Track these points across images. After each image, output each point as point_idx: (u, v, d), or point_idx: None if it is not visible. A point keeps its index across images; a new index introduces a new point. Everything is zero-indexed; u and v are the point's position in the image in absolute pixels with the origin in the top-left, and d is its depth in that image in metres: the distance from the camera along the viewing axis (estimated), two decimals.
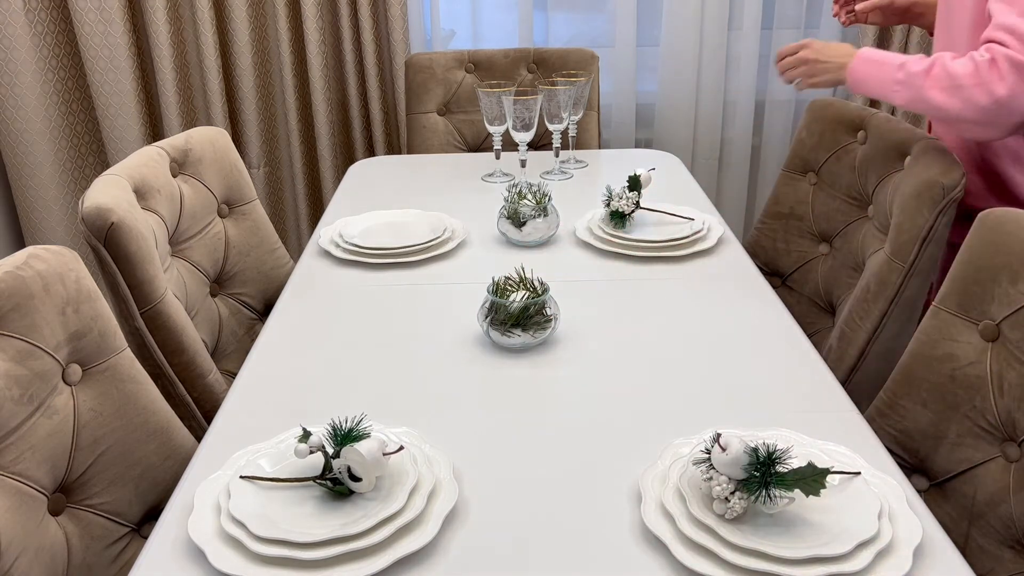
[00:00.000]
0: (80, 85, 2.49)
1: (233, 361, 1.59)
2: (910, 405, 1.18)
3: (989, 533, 1.06)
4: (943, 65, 1.28)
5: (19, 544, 0.91)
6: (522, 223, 1.54)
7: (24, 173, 2.44)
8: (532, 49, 2.35)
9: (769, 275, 1.78)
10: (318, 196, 2.70)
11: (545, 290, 1.19)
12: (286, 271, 1.73)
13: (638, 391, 1.10)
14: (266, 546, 0.80)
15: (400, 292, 1.40)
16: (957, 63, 1.27)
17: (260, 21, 2.49)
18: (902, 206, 1.38)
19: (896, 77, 1.34)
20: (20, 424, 0.95)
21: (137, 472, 1.10)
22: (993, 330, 1.09)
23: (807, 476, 0.82)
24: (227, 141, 1.66)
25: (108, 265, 1.27)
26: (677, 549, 0.80)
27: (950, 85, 1.27)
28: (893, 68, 1.35)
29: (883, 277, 1.40)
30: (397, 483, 0.88)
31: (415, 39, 2.50)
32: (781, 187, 1.77)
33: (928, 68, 1.30)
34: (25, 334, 0.97)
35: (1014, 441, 1.05)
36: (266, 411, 1.08)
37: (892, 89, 1.35)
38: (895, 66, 1.35)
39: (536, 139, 2.38)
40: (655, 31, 2.56)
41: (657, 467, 0.91)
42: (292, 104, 2.54)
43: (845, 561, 0.77)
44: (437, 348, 1.21)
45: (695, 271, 1.45)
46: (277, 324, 1.30)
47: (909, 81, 1.32)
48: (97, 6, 2.34)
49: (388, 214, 1.68)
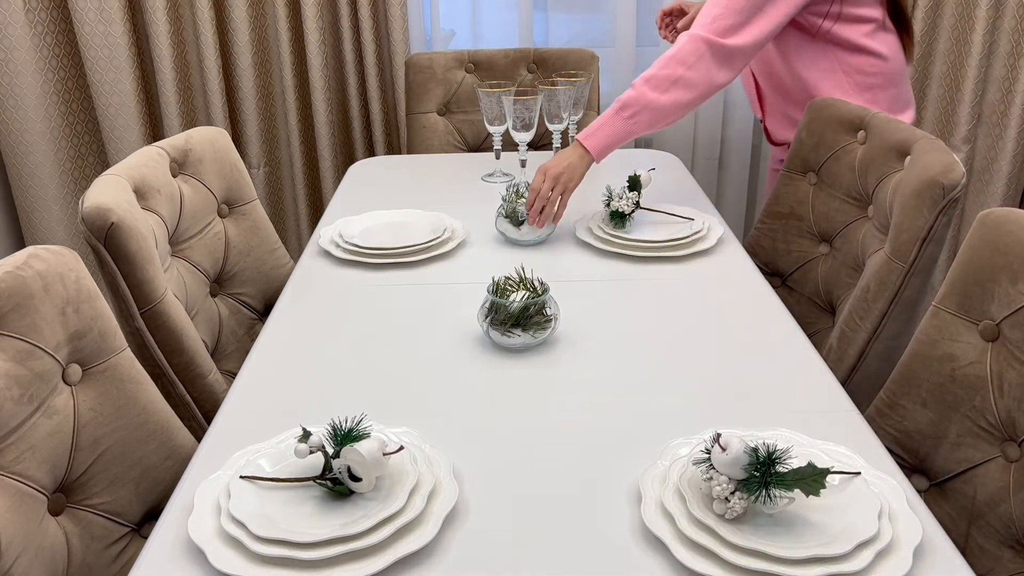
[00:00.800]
0: (80, 85, 2.49)
1: (233, 361, 1.59)
2: (910, 405, 1.18)
3: (989, 533, 1.06)
4: (644, 76, 1.54)
5: (19, 544, 0.91)
6: (520, 222, 1.54)
7: (24, 173, 2.45)
8: (532, 49, 2.35)
9: (769, 275, 1.78)
10: (318, 196, 2.70)
11: (545, 290, 1.19)
12: (286, 271, 1.73)
13: (638, 391, 1.10)
14: (266, 546, 0.80)
15: (400, 292, 1.40)
16: (655, 66, 1.54)
17: (260, 21, 2.49)
18: (902, 206, 1.38)
19: (622, 116, 1.54)
20: (20, 424, 0.95)
21: (137, 472, 1.10)
22: (993, 330, 1.09)
23: (807, 476, 0.82)
24: (227, 141, 1.66)
25: (108, 265, 1.27)
26: (677, 549, 0.80)
27: (657, 82, 1.54)
28: (612, 115, 1.55)
29: (883, 277, 1.40)
30: (397, 483, 0.88)
31: (415, 39, 2.50)
32: (781, 187, 1.77)
33: (639, 84, 1.54)
34: (25, 334, 0.97)
35: (1014, 441, 1.05)
36: (266, 411, 1.08)
37: (629, 128, 1.54)
38: (612, 113, 1.55)
39: (536, 139, 2.38)
40: (655, 31, 2.55)
41: (657, 467, 0.91)
42: (292, 104, 2.54)
43: (845, 561, 0.77)
44: (437, 348, 1.21)
45: (695, 271, 1.45)
46: (277, 324, 1.30)
47: (635, 103, 1.53)
48: (97, 6, 2.34)
49: (388, 214, 1.68)
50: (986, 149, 2.53)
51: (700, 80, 1.54)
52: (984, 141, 2.53)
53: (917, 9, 2.41)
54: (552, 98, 1.80)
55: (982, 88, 2.46)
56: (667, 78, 1.53)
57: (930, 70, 2.50)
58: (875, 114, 1.59)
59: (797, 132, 1.76)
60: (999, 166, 2.51)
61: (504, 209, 1.56)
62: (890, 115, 1.58)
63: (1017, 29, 2.38)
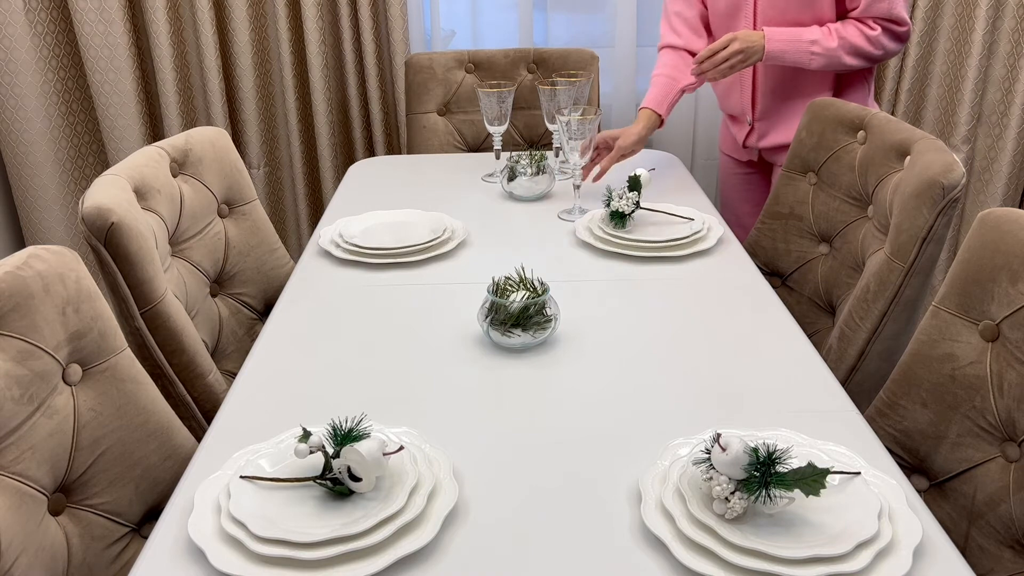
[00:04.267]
0: (80, 85, 2.49)
1: (233, 361, 1.59)
2: (910, 405, 1.18)
3: (989, 533, 1.06)
4: (846, 39, 1.75)
5: (19, 544, 0.91)
6: (522, 175, 1.78)
7: (24, 173, 2.45)
8: (532, 49, 2.35)
9: (769, 275, 1.78)
10: (318, 196, 2.70)
11: (545, 290, 1.19)
12: (286, 271, 1.73)
13: (638, 391, 1.10)
14: (266, 546, 0.80)
15: (400, 292, 1.40)
16: (857, 38, 1.75)
17: (260, 21, 2.49)
18: (902, 206, 1.38)
19: (812, 50, 1.75)
20: (20, 424, 0.95)
21: (137, 472, 1.10)
22: (993, 330, 1.09)
23: (807, 476, 0.82)
24: (227, 141, 1.66)
25: (108, 265, 1.27)
26: (677, 549, 0.80)
27: (855, 52, 1.76)
28: (807, 44, 1.76)
29: (883, 277, 1.40)
30: (397, 483, 0.88)
31: (415, 39, 2.51)
32: (781, 187, 1.77)
33: (839, 43, 1.74)
34: (25, 334, 0.97)
35: (1014, 441, 1.05)
36: (266, 411, 1.08)
37: (809, 59, 1.76)
38: (808, 42, 1.76)
39: (536, 139, 2.38)
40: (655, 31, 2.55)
41: (657, 467, 0.91)
42: (292, 104, 2.54)
43: (845, 561, 0.77)
44: (437, 348, 1.21)
45: (695, 271, 1.45)
46: (277, 324, 1.30)
47: (828, 53, 1.75)
48: (97, 6, 2.34)
49: (388, 214, 1.68)
50: (986, 149, 2.53)
51: (884, 58, 1.79)
52: (984, 141, 2.53)
53: (917, 9, 2.41)
54: (552, 98, 1.81)
55: (982, 88, 2.46)
56: (857, 49, 1.75)
57: (930, 70, 2.50)
58: (875, 114, 1.59)
59: (797, 132, 1.76)
60: (999, 166, 2.51)
61: (508, 173, 1.80)
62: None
63: (1017, 29, 2.38)
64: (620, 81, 2.57)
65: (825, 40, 1.75)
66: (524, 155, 1.82)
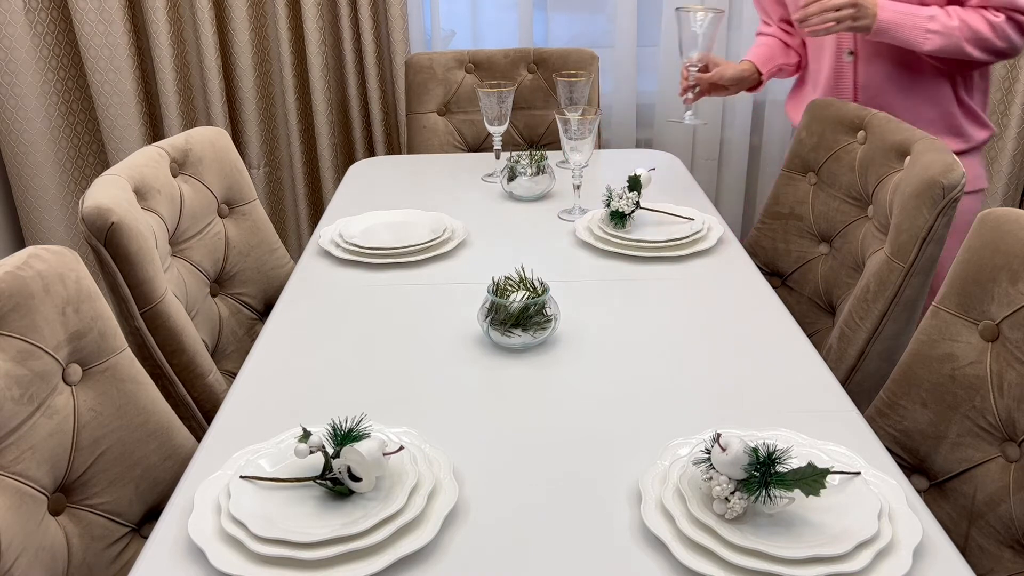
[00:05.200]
0: (80, 85, 2.49)
1: (233, 361, 1.59)
2: (910, 405, 1.18)
3: (989, 533, 1.06)
4: (967, 22, 1.57)
5: (19, 544, 0.91)
6: (522, 175, 1.78)
7: (24, 173, 2.45)
8: (532, 49, 2.35)
9: (769, 275, 1.78)
10: (318, 196, 2.70)
11: (545, 290, 1.19)
12: (286, 271, 1.73)
13: (638, 391, 1.10)
14: (266, 546, 0.80)
15: (400, 292, 1.40)
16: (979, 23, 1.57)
17: (260, 21, 2.49)
18: (902, 206, 1.38)
19: (928, 27, 1.57)
20: (20, 424, 0.95)
21: (137, 472, 1.10)
22: (993, 330, 1.09)
23: (807, 476, 0.82)
24: (227, 141, 1.66)
25: (108, 265, 1.27)
26: (677, 549, 0.80)
27: (976, 39, 1.57)
28: (924, 19, 1.57)
29: (883, 277, 1.40)
30: (397, 483, 0.88)
31: (415, 39, 2.50)
32: (781, 187, 1.77)
33: (959, 25, 1.57)
34: (25, 334, 0.97)
35: (1014, 441, 1.06)
36: (266, 411, 1.08)
37: (924, 37, 1.58)
38: (925, 17, 1.57)
39: (537, 139, 2.38)
40: (655, 31, 2.56)
41: (657, 467, 0.91)
42: (292, 104, 2.54)
43: (845, 561, 0.77)
44: (437, 348, 1.21)
45: (695, 271, 1.45)
46: (277, 324, 1.30)
47: (946, 32, 1.57)
48: (97, 6, 2.34)
49: (388, 214, 1.68)
50: (986, 149, 2.53)
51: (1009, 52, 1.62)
52: None
53: None
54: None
55: None
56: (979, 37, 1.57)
57: None
58: (875, 114, 1.59)
59: (797, 132, 1.76)
60: (999, 166, 2.51)
61: (508, 172, 1.80)
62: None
63: None
64: (620, 81, 2.57)
65: (944, 18, 1.57)
66: (524, 155, 1.82)
